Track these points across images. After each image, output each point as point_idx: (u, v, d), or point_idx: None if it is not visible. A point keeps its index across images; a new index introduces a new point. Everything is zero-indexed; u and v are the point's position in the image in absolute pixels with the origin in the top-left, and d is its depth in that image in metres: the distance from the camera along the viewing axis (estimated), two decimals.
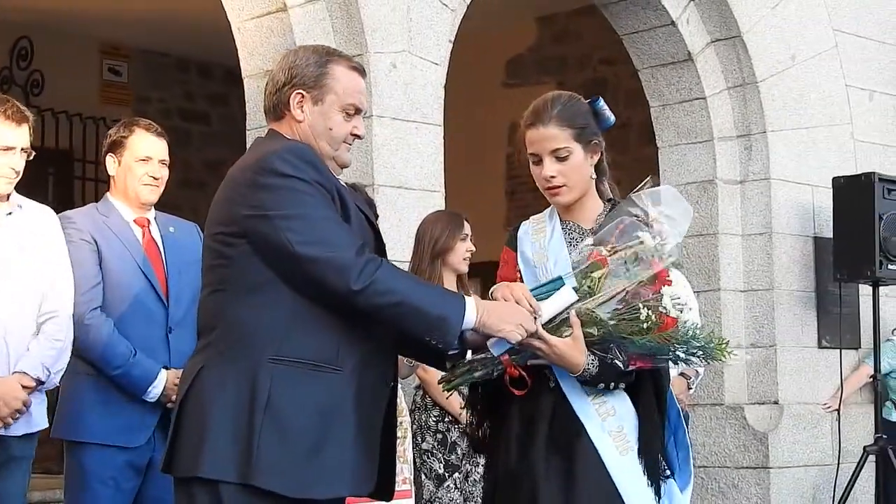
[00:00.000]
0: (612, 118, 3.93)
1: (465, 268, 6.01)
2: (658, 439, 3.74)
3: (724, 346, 3.78)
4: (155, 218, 5.08)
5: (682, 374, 6.27)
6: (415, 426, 5.89)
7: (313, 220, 3.40)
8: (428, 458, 5.82)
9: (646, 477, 3.67)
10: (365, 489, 3.55)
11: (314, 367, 3.42)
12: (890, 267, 7.79)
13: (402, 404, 5.53)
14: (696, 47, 8.09)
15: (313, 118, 3.60)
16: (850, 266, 7.86)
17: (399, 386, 5.48)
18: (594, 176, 3.89)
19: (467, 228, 6.00)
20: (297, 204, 3.40)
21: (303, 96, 3.59)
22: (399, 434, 5.40)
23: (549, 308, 3.59)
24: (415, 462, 5.73)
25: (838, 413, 8.05)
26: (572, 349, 3.59)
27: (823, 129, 8.50)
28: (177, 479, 3.51)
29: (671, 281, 3.71)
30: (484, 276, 6.90)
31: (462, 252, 5.97)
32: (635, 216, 3.75)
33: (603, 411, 3.68)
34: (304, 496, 3.40)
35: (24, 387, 4.51)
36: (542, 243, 3.85)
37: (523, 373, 3.65)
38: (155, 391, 4.80)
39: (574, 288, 3.62)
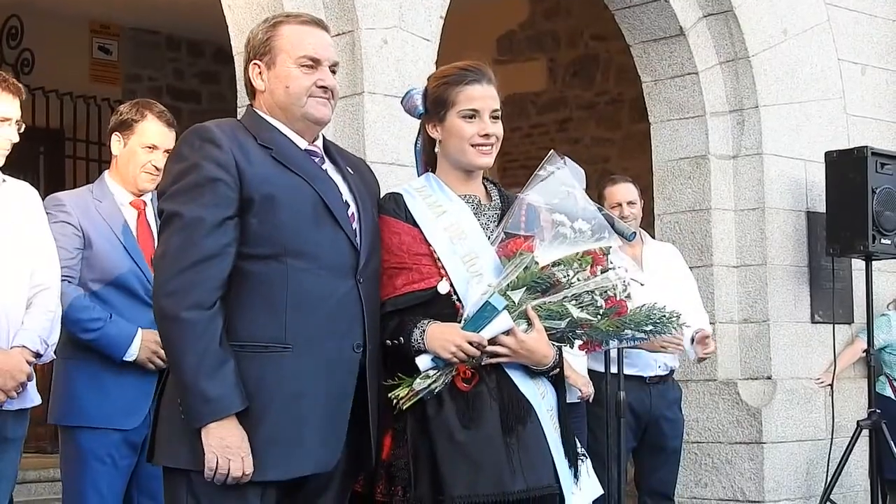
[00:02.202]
0: None
1: None
2: (568, 420, 3.85)
3: (675, 319, 3.84)
4: (152, 200, 5.08)
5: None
6: None
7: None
8: None
9: (566, 459, 3.75)
10: (329, 464, 3.53)
11: (263, 348, 3.42)
12: (883, 241, 7.79)
13: None
14: (688, 22, 8.07)
15: (272, 83, 3.61)
16: (843, 241, 7.86)
17: None
18: None
19: None
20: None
21: (258, 66, 3.61)
22: None
23: (487, 335, 3.62)
24: None
25: (831, 388, 8.06)
26: (539, 343, 3.66)
27: (816, 104, 8.49)
28: (163, 468, 3.55)
29: (606, 260, 3.76)
30: None
31: None
32: (543, 197, 3.79)
33: (541, 391, 3.76)
34: (261, 479, 3.40)
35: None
36: (449, 218, 3.78)
37: (475, 370, 3.65)
38: (132, 349, 4.79)
39: (507, 293, 3.64)
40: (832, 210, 7.94)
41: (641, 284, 5.93)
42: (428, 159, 3.97)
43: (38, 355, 4.57)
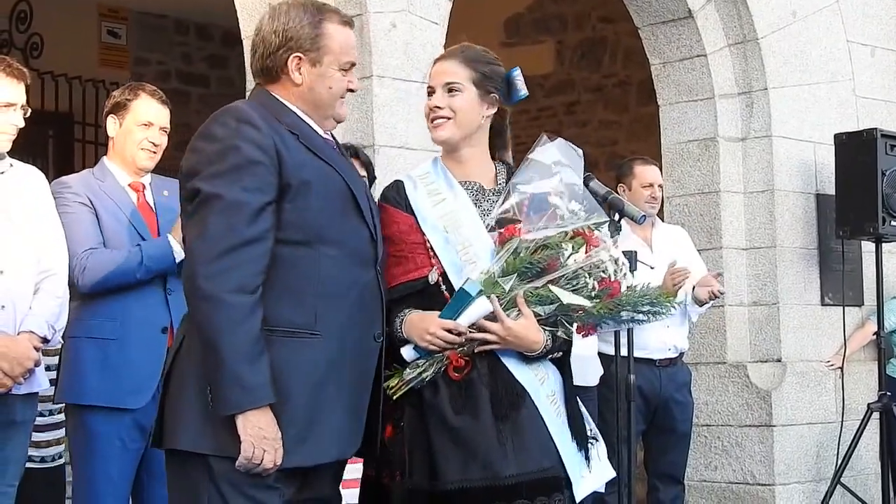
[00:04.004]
0: (524, 92, 3.94)
1: None
2: (577, 404, 3.82)
3: (669, 298, 3.86)
4: (150, 183, 5.09)
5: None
6: None
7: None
8: None
9: (574, 442, 3.74)
10: (350, 451, 3.56)
11: (290, 334, 3.39)
12: (892, 223, 7.77)
13: None
14: (697, 4, 8.04)
15: (312, 80, 3.57)
16: (853, 223, 7.84)
17: None
18: (482, 125, 3.89)
19: None
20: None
21: (300, 59, 3.56)
22: None
23: (464, 322, 3.62)
24: None
25: (841, 371, 8.05)
26: (527, 329, 3.65)
27: (825, 86, 8.47)
28: (168, 451, 3.49)
29: (599, 241, 3.75)
30: None
31: None
32: (535, 181, 3.77)
33: (540, 376, 3.74)
34: (291, 465, 3.39)
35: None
36: (446, 205, 3.79)
37: (467, 358, 3.66)
38: (179, 256, 4.78)
39: (494, 277, 3.63)
40: (842, 192, 7.93)
41: (651, 267, 5.95)
42: None
43: (45, 340, 4.58)
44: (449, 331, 3.61)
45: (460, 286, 3.62)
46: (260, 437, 3.29)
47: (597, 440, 3.84)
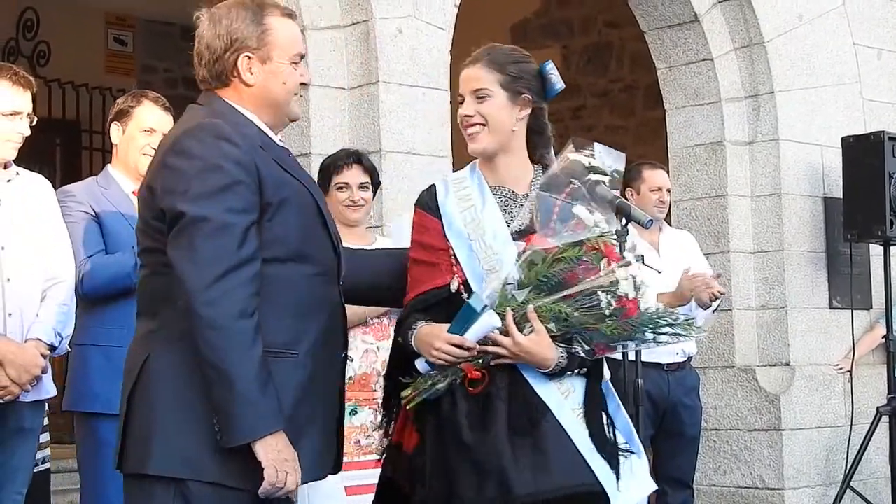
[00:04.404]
0: (560, 84, 3.80)
1: None
2: (600, 416, 3.65)
3: (690, 324, 3.68)
4: None
5: None
6: None
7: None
8: None
9: (603, 455, 3.58)
10: (324, 474, 3.51)
11: (273, 354, 3.28)
12: None
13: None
14: (703, 8, 8.04)
15: (265, 78, 3.46)
16: (861, 226, 7.83)
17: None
18: (516, 129, 3.73)
19: None
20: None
21: (250, 58, 3.44)
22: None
23: (472, 337, 3.52)
24: None
25: (850, 374, 8.03)
26: (538, 345, 3.53)
27: (832, 89, 8.46)
28: (129, 476, 3.36)
29: (619, 257, 3.62)
30: None
31: None
32: (568, 185, 3.62)
33: (564, 390, 3.61)
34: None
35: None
36: (473, 213, 3.69)
37: (484, 371, 3.57)
38: None
39: (514, 286, 3.54)
40: (849, 195, 7.92)
41: (658, 272, 5.90)
42: None
43: (52, 348, 4.59)
44: (457, 345, 3.53)
45: (466, 301, 3.54)
46: (281, 459, 3.22)
47: (632, 453, 3.69)
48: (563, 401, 3.59)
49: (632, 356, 5.24)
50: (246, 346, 3.21)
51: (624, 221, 3.94)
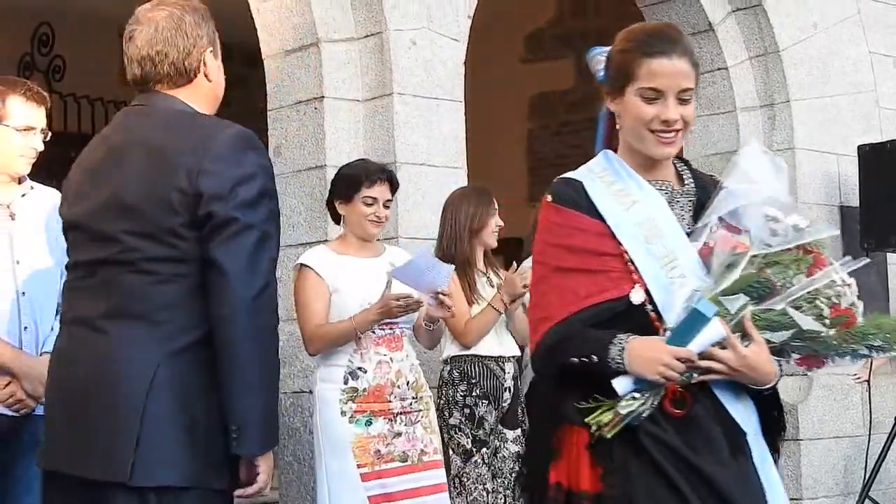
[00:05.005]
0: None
1: (494, 242, 6.10)
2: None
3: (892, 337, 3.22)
4: None
5: None
6: (441, 401, 5.89)
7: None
8: (455, 433, 5.82)
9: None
10: None
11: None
12: None
13: (422, 379, 5.54)
14: (717, 17, 8.03)
15: (218, 73, 3.56)
16: (877, 235, 7.80)
17: (417, 361, 5.51)
18: None
19: (495, 203, 6.06)
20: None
21: (212, 52, 3.55)
22: (421, 407, 5.42)
23: (695, 349, 3.07)
24: (442, 437, 5.72)
25: (868, 384, 8.00)
26: (761, 357, 3.11)
27: (847, 97, 8.44)
28: (139, 489, 3.25)
29: (827, 262, 3.18)
30: (507, 252, 6.89)
31: (492, 227, 6.03)
32: (747, 189, 3.21)
33: (749, 411, 3.25)
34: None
35: None
36: (643, 210, 3.20)
37: (682, 391, 3.11)
38: None
39: (722, 299, 3.08)
40: (866, 204, 7.89)
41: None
42: (610, 134, 3.40)
43: None
44: (680, 360, 3.05)
45: (692, 306, 3.06)
46: (273, 466, 3.34)
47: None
48: (749, 426, 3.22)
49: None
50: (276, 359, 3.29)
51: None
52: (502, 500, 5.91)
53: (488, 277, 6.10)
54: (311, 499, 6.17)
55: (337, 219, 5.59)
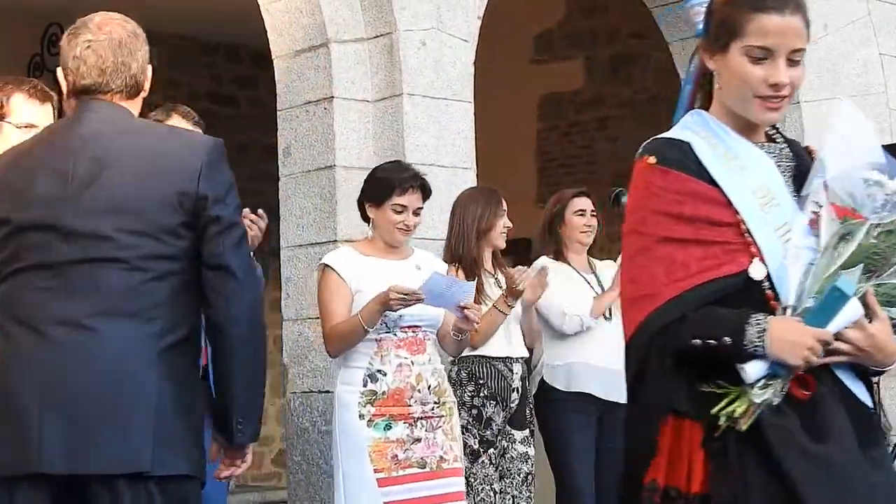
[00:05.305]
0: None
1: (502, 243, 6.09)
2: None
3: None
4: None
5: None
6: None
7: None
8: (463, 433, 5.82)
9: None
10: None
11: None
12: None
13: (446, 384, 5.52)
14: None
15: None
16: None
17: (442, 366, 5.49)
18: None
19: (504, 204, 6.05)
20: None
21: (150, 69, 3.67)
22: (444, 413, 5.40)
23: (833, 330, 2.81)
24: None
25: (878, 385, 7.97)
26: (884, 334, 2.82)
27: (858, 99, 8.41)
28: (143, 477, 3.30)
29: None
30: (516, 252, 6.89)
31: (501, 228, 6.02)
32: (849, 152, 2.98)
33: (864, 391, 2.96)
34: None
35: None
36: (754, 175, 2.92)
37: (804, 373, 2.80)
38: None
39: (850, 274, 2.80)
40: None
41: None
42: (699, 93, 3.12)
43: None
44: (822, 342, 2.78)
45: (833, 284, 2.76)
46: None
47: None
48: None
49: None
50: (266, 356, 3.57)
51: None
52: (510, 501, 5.91)
53: (496, 278, 6.09)
54: (320, 499, 6.17)
55: (367, 219, 5.56)
